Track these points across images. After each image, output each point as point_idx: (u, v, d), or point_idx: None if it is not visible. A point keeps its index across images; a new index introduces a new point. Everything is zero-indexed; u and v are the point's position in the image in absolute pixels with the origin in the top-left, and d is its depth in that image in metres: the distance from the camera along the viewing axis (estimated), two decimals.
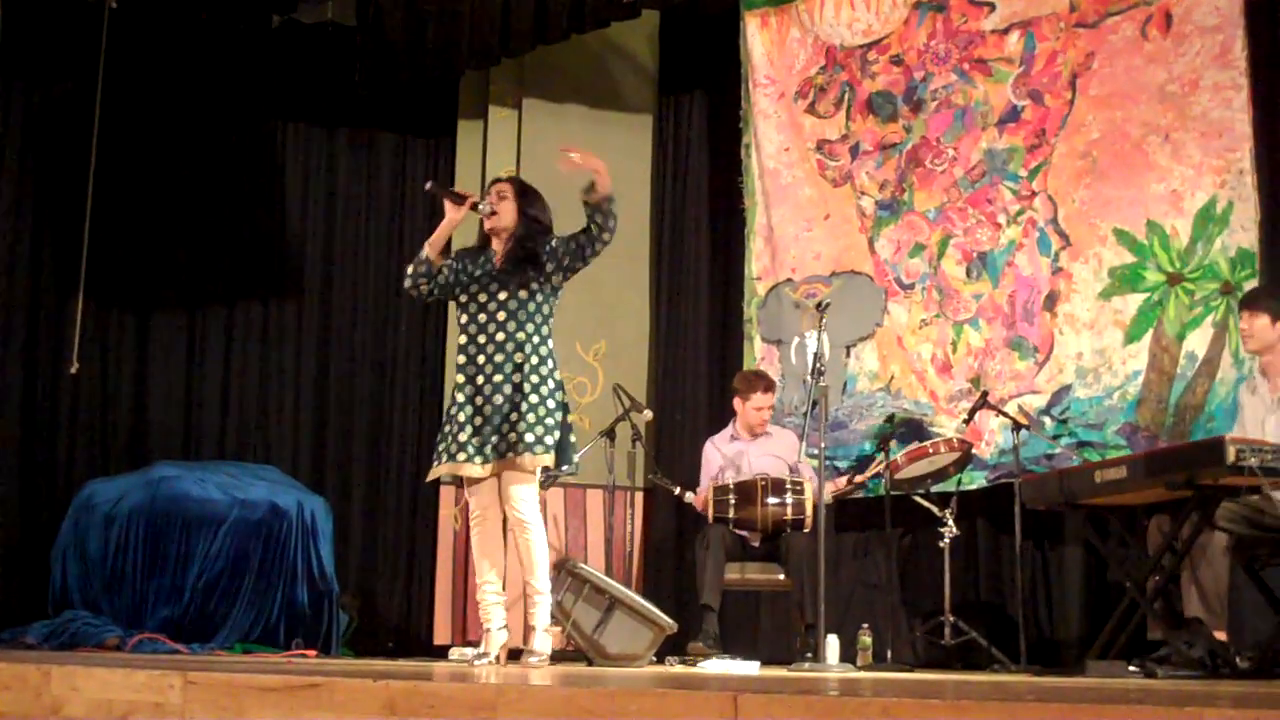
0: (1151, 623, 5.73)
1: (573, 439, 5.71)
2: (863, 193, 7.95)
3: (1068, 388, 7.17)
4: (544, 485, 7.86)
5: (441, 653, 7.81)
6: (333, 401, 9.11)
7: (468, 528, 8.38)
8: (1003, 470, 7.10)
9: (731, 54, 8.44)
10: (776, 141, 8.24)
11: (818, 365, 6.18)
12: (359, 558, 8.90)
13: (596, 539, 8.17)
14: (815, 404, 6.24)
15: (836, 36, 8.15)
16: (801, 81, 8.24)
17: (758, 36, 8.39)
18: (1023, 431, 6.78)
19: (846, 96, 8.09)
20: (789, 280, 8.10)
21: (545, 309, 5.68)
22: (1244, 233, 6.79)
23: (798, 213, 8.14)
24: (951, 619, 6.79)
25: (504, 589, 5.81)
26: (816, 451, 6.33)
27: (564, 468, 5.76)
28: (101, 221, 8.44)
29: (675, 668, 6.32)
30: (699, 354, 8.64)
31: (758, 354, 8.09)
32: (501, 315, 5.59)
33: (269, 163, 9.22)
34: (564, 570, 7.09)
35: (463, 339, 5.67)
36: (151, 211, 8.79)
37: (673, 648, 6.80)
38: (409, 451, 9.13)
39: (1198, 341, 6.87)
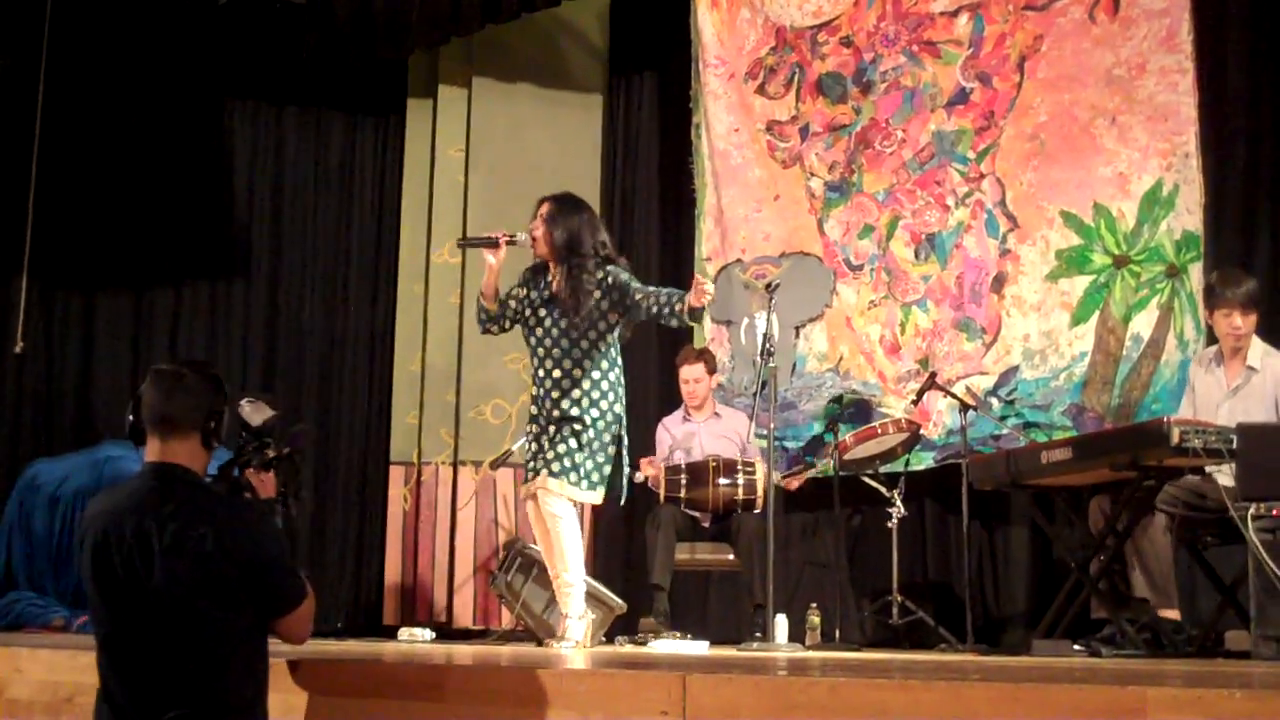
0: (1096, 602, 5.79)
1: (625, 468, 5.88)
2: (812, 174, 7.96)
3: (1015, 369, 7.22)
4: (493, 466, 7.91)
5: (391, 633, 7.80)
6: (281, 380, 9.06)
7: (417, 509, 8.43)
8: (950, 451, 7.14)
9: (682, 34, 8.41)
10: (726, 122, 8.23)
11: (767, 346, 6.19)
12: (308, 538, 8.86)
13: None
14: (765, 384, 6.26)
15: (786, 17, 8.14)
16: (751, 62, 8.23)
17: (708, 17, 8.36)
18: (970, 412, 6.82)
19: (796, 77, 8.08)
20: (739, 261, 8.10)
21: (603, 342, 5.76)
22: (1189, 215, 6.85)
23: (747, 193, 8.14)
24: (899, 598, 6.82)
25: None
26: (766, 432, 6.34)
27: (621, 499, 5.98)
28: (46, 200, 8.36)
29: (625, 647, 6.33)
30: (649, 335, 8.60)
31: (707, 334, 8.09)
32: (556, 350, 5.75)
33: (216, 141, 9.15)
34: (514, 551, 7.09)
35: (531, 360, 5.88)
36: (97, 190, 8.70)
37: (623, 628, 6.81)
38: (358, 431, 9.10)
39: (1143, 324, 6.93)
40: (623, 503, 6.09)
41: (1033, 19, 7.40)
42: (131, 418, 3.40)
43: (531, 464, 5.80)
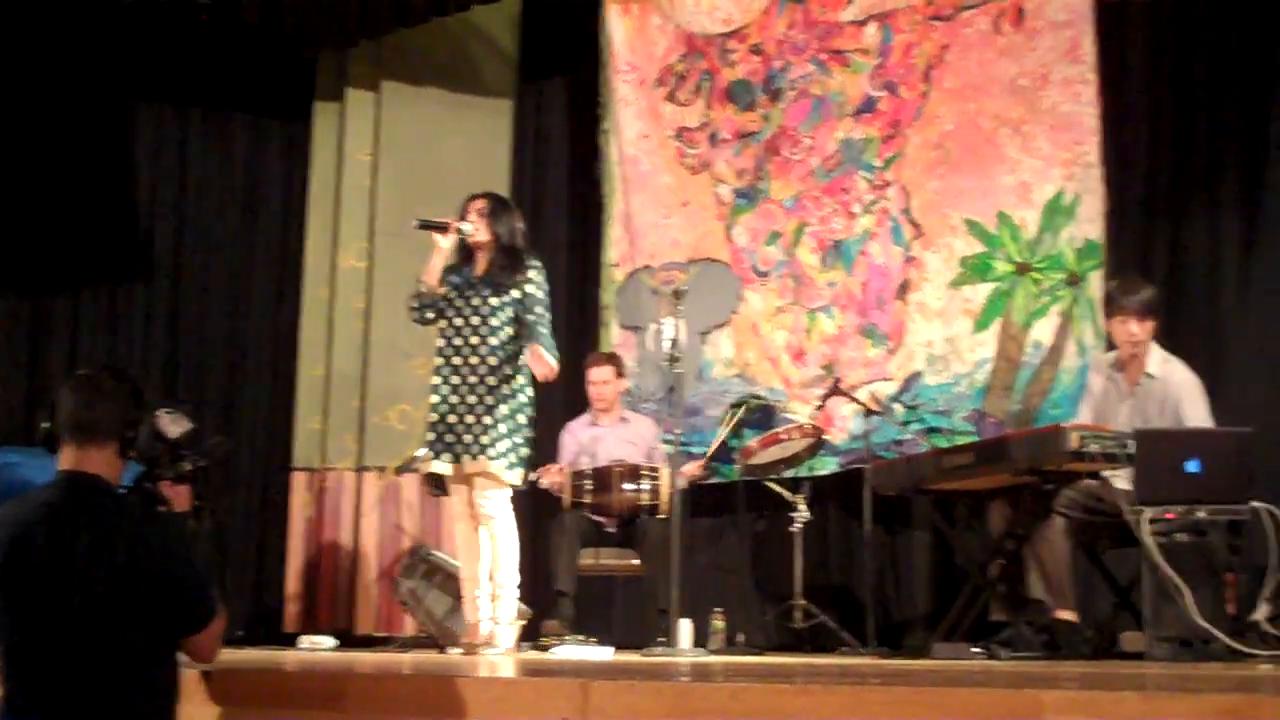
0: (994, 605, 5.86)
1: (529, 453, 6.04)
2: (720, 180, 7.99)
3: (918, 375, 7.29)
4: (398, 472, 7.86)
5: (292, 641, 7.73)
6: (182, 387, 8.89)
7: (320, 515, 8.34)
8: (854, 456, 7.19)
9: (592, 40, 8.42)
10: (636, 128, 8.24)
11: (673, 352, 6.21)
12: (210, 535, 8.71)
13: (451, 524, 8.13)
14: (671, 390, 6.28)
15: (697, 24, 8.17)
16: (661, 69, 8.25)
17: (618, 23, 8.36)
18: (874, 418, 6.88)
19: (705, 84, 8.11)
20: (647, 267, 8.12)
21: (514, 326, 5.96)
22: (1090, 224, 6.96)
23: (656, 200, 8.16)
24: (802, 603, 6.87)
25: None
26: (671, 437, 6.35)
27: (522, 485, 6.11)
28: None
29: (529, 653, 6.31)
30: (557, 339, 8.58)
31: (615, 340, 8.10)
32: (476, 320, 5.92)
33: (118, 143, 8.99)
34: (417, 557, 7.06)
35: (440, 342, 6.00)
36: None
37: (527, 633, 6.79)
38: (260, 437, 8.97)
39: (1044, 330, 7.03)
40: (524, 489, 6.17)
41: (939, 29, 7.48)
42: (46, 424, 3.33)
43: (448, 445, 5.89)
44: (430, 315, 6.07)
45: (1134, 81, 7.22)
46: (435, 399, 5.95)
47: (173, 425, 4.32)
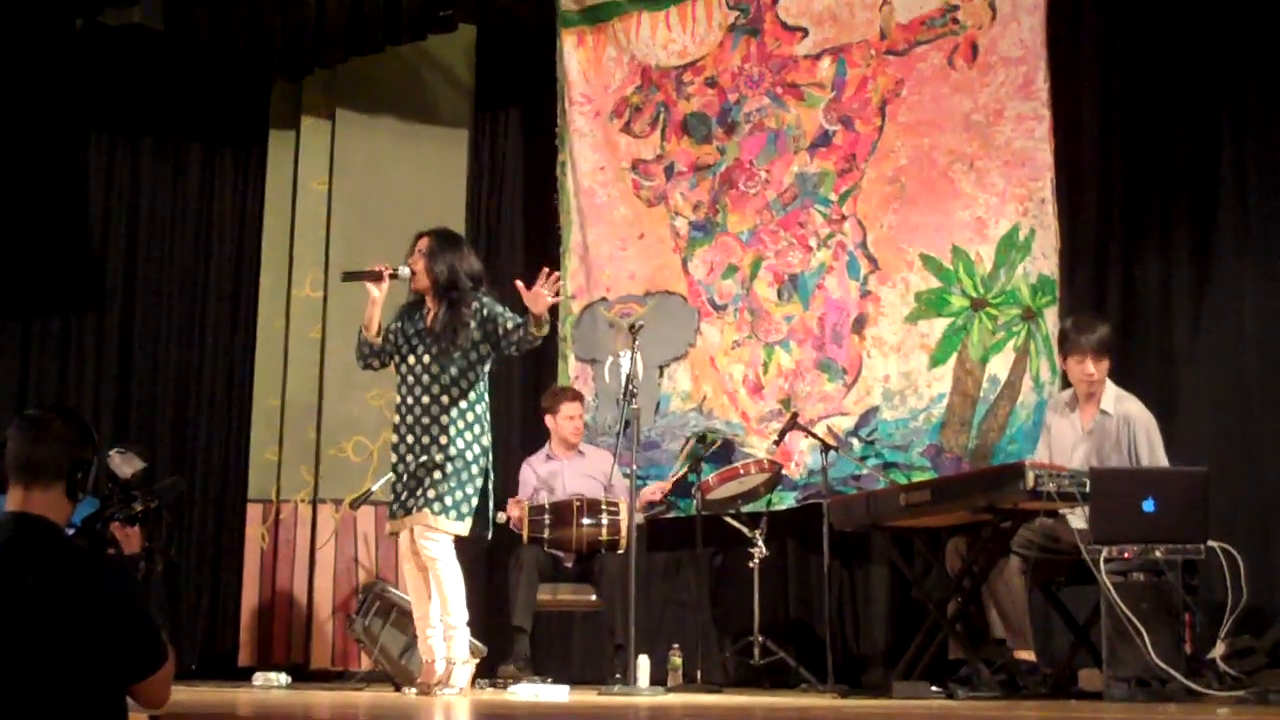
0: (953, 643, 5.86)
1: (491, 503, 5.98)
2: (677, 213, 7.99)
3: (875, 409, 7.29)
4: (353, 505, 7.80)
5: (246, 675, 7.65)
6: (135, 417, 8.85)
7: (275, 548, 8.28)
8: (812, 491, 7.19)
9: (548, 71, 8.41)
10: (592, 160, 8.23)
11: (630, 385, 6.20)
12: (162, 577, 8.64)
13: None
14: (628, 424, 6.27)
15: (652, 57, 8.17)
16: (617, 101, 8.24)
17: (574, 54, 8.36)
18: (831, 453, 6.87)
19: (661, 117, 8.12)
20: (603, 299, 8.10)
21: (473, 373, 5.89)
22: (1045, 260, 6.98)
23: (612, 232, 8.15)
24: (761, 639, 6.85)
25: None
26: (628, 471, 6.34)
27: (487, 534, 6.04)
28: None
29: (485, 692, 6.27)
30: (512, 373, 8.58)
31: (571, 373, 8.08)
32: (426, 378, 5.87)
33: (70, 171, 8.93)
34: (372, 594, 7.00)
35: (396, 397, 5.97)
36: None
37: (484, 670, 6.74)
38: (215, 467, 8.91)
39: (1000, 365, 7.05)
40: (489, 537, 6.06)
41: (894, 64, 7.51)
42: None
43: (401, 500, 5.85)
44: (375, 364, 6.09)
45: (1087, 117, 7.27)
46: (394, 457, 5.93)
47: (125, 465, 4.27)
